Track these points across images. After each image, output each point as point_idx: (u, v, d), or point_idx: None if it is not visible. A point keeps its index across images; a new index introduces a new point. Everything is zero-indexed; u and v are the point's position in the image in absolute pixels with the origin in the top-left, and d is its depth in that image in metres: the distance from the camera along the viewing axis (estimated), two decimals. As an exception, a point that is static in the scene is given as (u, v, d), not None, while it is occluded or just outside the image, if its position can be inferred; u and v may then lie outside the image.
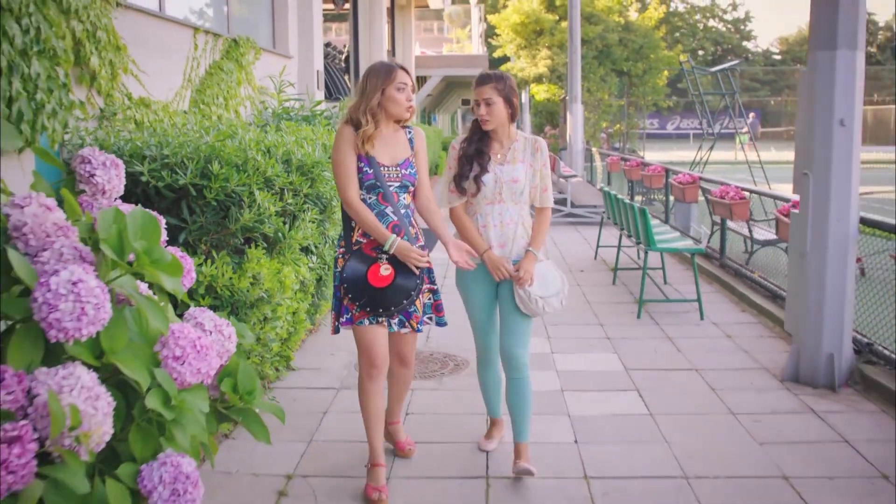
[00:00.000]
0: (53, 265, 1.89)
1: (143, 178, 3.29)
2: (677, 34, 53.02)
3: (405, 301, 2.98)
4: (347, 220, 3.06)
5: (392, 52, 16.70)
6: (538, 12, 22.47)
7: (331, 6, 14.62)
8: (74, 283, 1.78)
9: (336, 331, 3.10)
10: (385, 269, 2.95)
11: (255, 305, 3.56)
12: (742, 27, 60.90)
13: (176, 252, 2.25)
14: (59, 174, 2.66)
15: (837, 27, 4.08)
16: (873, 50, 59.10)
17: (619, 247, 7.48)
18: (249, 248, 3.54)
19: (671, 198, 9.47)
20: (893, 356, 4.29)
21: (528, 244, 3.18)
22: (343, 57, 15.03)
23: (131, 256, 1.97)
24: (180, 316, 2.21)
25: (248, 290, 3.41)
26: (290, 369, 4.57)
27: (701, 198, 8.57)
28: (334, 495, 3.09)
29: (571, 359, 4.88)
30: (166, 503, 1.88)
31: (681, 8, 55.73)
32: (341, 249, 3.08)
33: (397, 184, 3.04)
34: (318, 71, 8.03)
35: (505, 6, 25.18)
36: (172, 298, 2.33)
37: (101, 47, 3.55)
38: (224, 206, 3.42)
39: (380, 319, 3.02)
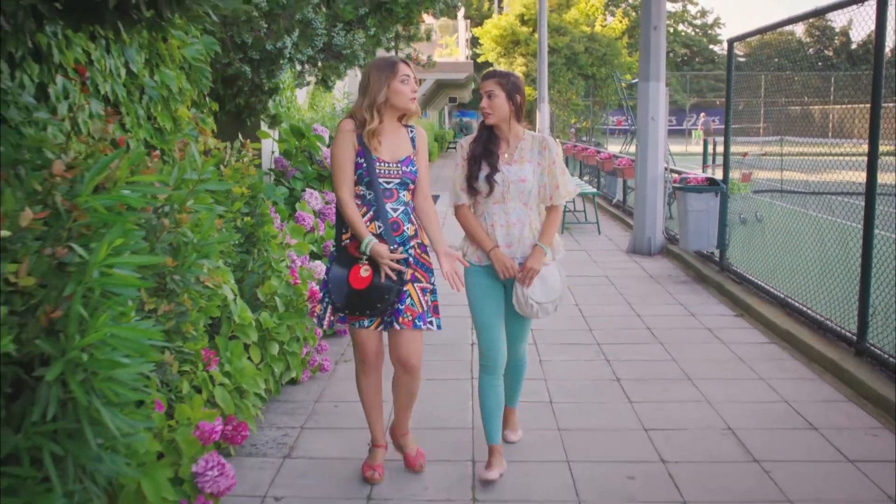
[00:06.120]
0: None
1: (316, 141, 7.21)
2: (648, 38, 56.75)
3: (379, 305, 2.92)
4: (340, 217, 3.04)
5: (395, 60, 20.59)
6: (514, 25, 26.53)
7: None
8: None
9: (330, 326, 3.12)
10: (364, 271, 2.92)
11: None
12: (710, 31, 65.18)
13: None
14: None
15: (650, 69, 8.09)
16: (829, 53, 63.68)
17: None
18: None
19: (601, 171, 13.48)
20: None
21: (538, 240, 3.13)
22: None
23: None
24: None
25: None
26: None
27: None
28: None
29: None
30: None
31: (652, 13, 59.60)
32: (332, 249, 3.13)
33: (397, 180, 2.98)
34: (360, 83, 11.97)
35: (487, 17, 29.17)
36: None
37: (287, 87, 7.46)
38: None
39: (366, 324, 3.02)
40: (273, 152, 6.36)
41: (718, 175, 7.50)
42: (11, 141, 2.29)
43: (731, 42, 6.83)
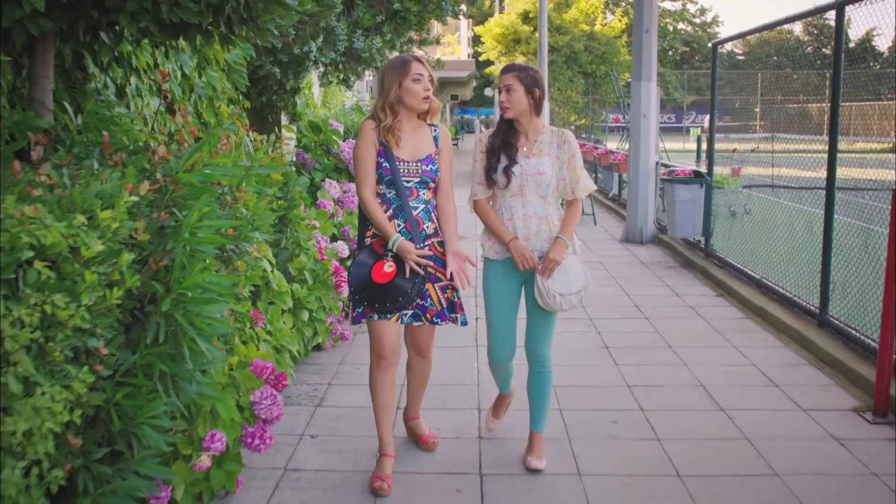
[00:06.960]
0: (347, 153, 6.36)
1: (331, 136, 7.76)
2: (648, 36, 57.24)
3: (401, 299, 2.97)
4: (363, 216, 3.10)
5: (399, 59, 21.14)
6: (515, 24, 27.08)
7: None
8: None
9: (354, 322, 3.14)
10: (388, 267, 2.96)
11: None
12: (709, 29, 65.69)
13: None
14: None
15: (641, 70, 8.64)
16: (828, 51, 64.00)
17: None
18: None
19: (599, 166, 14.03)
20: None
21: (559, 233, 3.11)
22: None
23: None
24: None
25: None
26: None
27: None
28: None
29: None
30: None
31: (652, 11, 59.99)
32: (354, 244, 3.15)
33: (416, 179, 3.02)
34: (366, 81, 12.53)
35: (489, 17, 29.72)
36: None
37: (305, 86, 8.01)
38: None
39: (388, 315, 3.05)
40: (293, 146, 6.91)
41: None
42: (107, 132, 2.84)
43: (715, 45, 7.37)
